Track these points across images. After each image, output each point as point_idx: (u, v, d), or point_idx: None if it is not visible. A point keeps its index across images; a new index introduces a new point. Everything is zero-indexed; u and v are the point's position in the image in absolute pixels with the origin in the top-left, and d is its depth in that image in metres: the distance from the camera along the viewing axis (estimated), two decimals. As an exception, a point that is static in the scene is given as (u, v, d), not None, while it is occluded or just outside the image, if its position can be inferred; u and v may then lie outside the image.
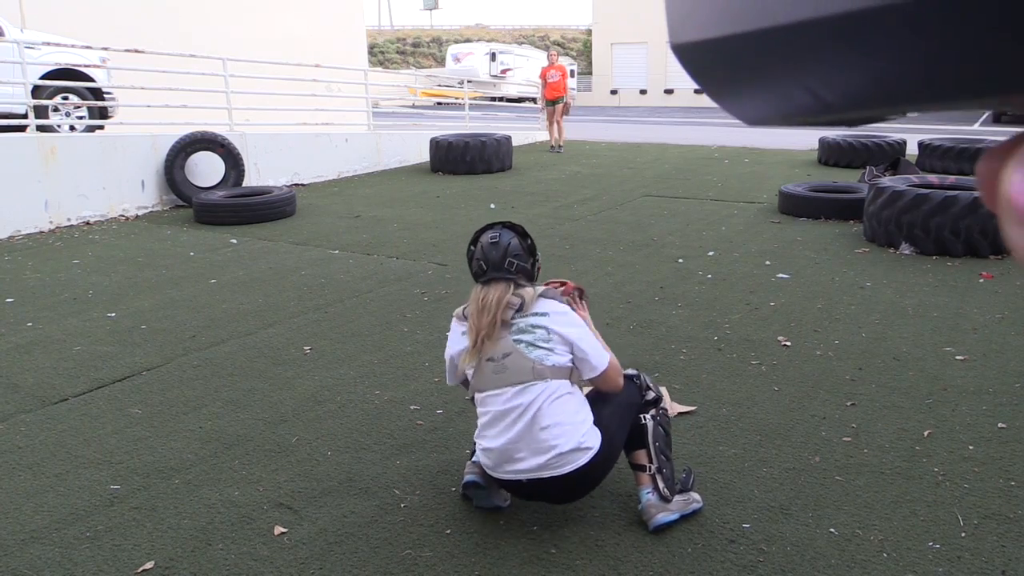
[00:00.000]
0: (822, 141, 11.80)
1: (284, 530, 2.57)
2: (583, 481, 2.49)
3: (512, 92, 27.43)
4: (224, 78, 9.85)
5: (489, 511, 2.64)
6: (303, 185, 10.36)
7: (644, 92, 36.33)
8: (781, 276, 5.54)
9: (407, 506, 2.69)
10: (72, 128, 9.13)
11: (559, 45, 48.71)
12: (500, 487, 2.61)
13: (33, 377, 3.94)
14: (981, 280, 5.34)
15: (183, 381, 3.85)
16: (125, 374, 3.96)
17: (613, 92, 36.92)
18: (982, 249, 5.88)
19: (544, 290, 2.57)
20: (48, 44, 8.99)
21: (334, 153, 11.12)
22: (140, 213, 8.55)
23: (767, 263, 5.90)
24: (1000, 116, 21.47)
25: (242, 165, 9.10)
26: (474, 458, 2.69)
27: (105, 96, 9.44)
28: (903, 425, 3.21)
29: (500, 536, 2.50)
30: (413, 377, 3.84)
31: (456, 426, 3.29)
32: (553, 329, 2.46)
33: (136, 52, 9.30)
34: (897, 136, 11.67)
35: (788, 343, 4.19)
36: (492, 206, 8.52)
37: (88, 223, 8.02)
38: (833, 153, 11.45)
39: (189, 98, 9.53)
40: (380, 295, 5.28)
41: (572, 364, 2.48)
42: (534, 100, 17.41)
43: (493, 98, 27.88)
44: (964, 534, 2.46)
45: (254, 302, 5.15)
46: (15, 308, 5.14)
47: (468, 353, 2.50)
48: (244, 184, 9.14)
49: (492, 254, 2.53)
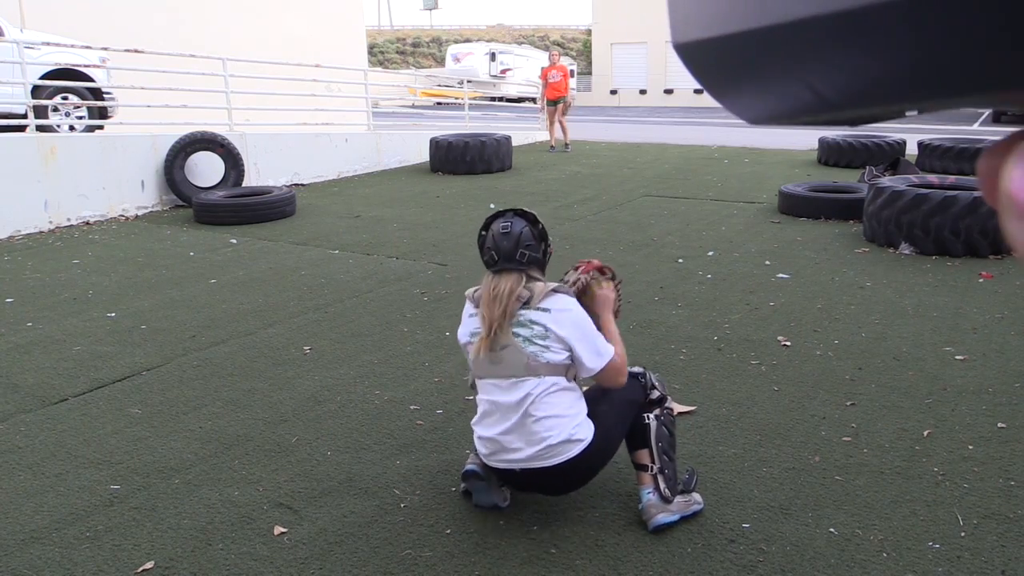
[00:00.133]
0: (822, 141, 11.80)
1: (284, 530, 2.57)
2: (575, 473, 2.51)
3: (512, 92, 27.43)
4: (224, 78, 9.85)
5: (489, 511, 2.64)
6: (303, 185, 10.36)
7: (644, 92, 36.33)
8: (781, 276, 5.54)
9: (407, 506, 2.69)
10: (72, 128, 9.13)
11: (559, 45, 48.71)
12: (496, 476, 2.61)
13: (33, 377, 3.94)
14: (981, 280, 5.34)
15: (183, 381, 3.85)
16: (125, 374, 3.96)
17: (613, 92, 36.93)
18: (982, 249, 5.88)
19: (556, 286, 2.56)
20: (48, 44, 8.99)
21: (334, 153, 11.12)
22: (140, 213, 8.55)
23: (767, 263, 5.90)
24: (1000, 116, 21.48)
25: (242, 165, 9.10)
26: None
27: (105, 96, 9.44)
28: (903, 425, 3.21)
29: (500, 536, 2.50)
30: (413, 377, 3.84)
31: (456, 426, 3.29)
32: (551, 328, 2.46)
33: (136, 52, 9.30)
34: (897, 136, 11.67)
35: (788, 343, 4.19)
36: (492, 206, 8.51)
37: (88, 223, 8.02)
38: (833, 153, 11.45)
39: (189, 98, 9.53)
40: (380, 295, 5.28)
41: (569, 362, 2.48)
42: (534, 100, 17.41)
43: (493, 98, 27.89)
44: (964, 534, 2.46)
45: (254, 302, 5.16)
46: (15, 308, 5.14)
47: (481, 342, 2.51)
48: (244, 184, 9.14)
49: (504, 244, 2.54)
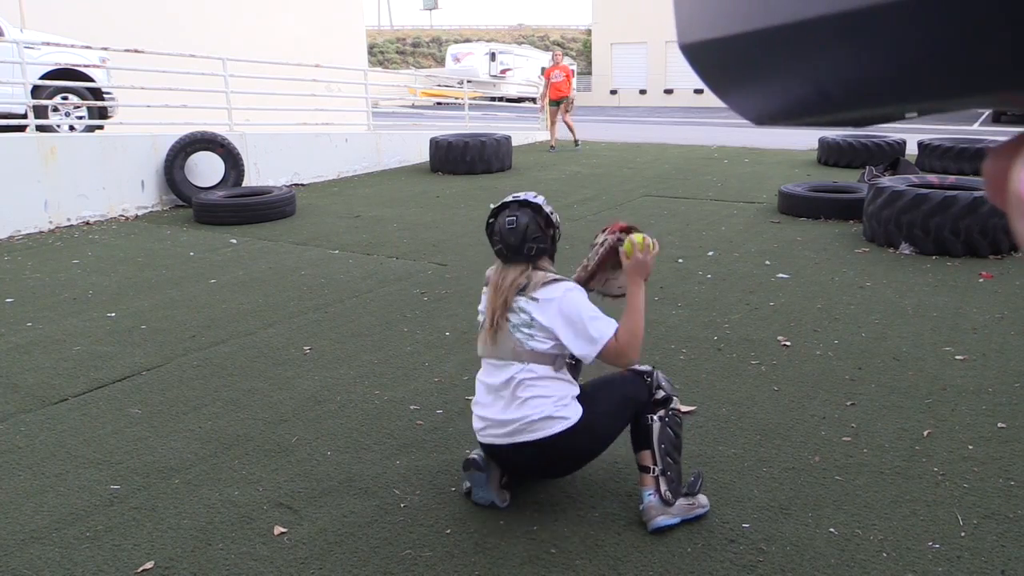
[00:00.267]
0: (822, 141, 11.80)
1: (284, 530, 2.57)
2: (557, 452, 2.53)
3: (512, 92, 27.43)
4: (224, 78, 9.85)
5: (489, 511, 2.64)
6: (303, 185, 10.36)
7: (644, 92, 36.31)
8: (781, 276, 5.54)
9: (407, 506, 2.69)
10: (72, 128, 9.13)
11: (559, 45, 48.70)
12: (491, 460, 2.65)
13: (33, 377, 3.94)
14: (981, 280, 5.34)
15: (183, 381, 3.85)
16: (125, 374, 3.96)
17: (613, 92, 36.92)
18: (982, 249, 5.88)
19: (555, 276, 2.57)
20: (48, 44, 8.99)
21: (334, 153, 11.12)
22: (140, 213, 8.55)
23: (767, 263, 5.90)
24: (1000, 116, 21.49)
25: (242, 165, 9.10)
26: None
27: (105, 96, 9.44)
28: (903, 425, 3.21)
29: (500, 536, 2.50)
30: (413, 377, 3.84)
31: (456, 426, 3.29)
32: (536, 318, 2.50)
33: (136, 52, 9.30)
34: (897, 136, 11.68)
35: (788, 343, 4.19)
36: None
37: (88, 223, 8.02)
38: (833, 153, 11.44)
39: (189, 98, 9.53)
40: (380, 295, 5.28)
41: (556, 351, 2.52)
42: (534, 100, 17.41)
43: (493, 98, 27.88)
44: (964, 534, 2.46)
45: (254, 302, 5.16)
46: (15, 308, 5.14)
47: (485, 331, 2.60)
48: (244, 184, 9.14)
49: (510, 239, 2.58)
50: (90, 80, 9.20)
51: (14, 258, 6.58)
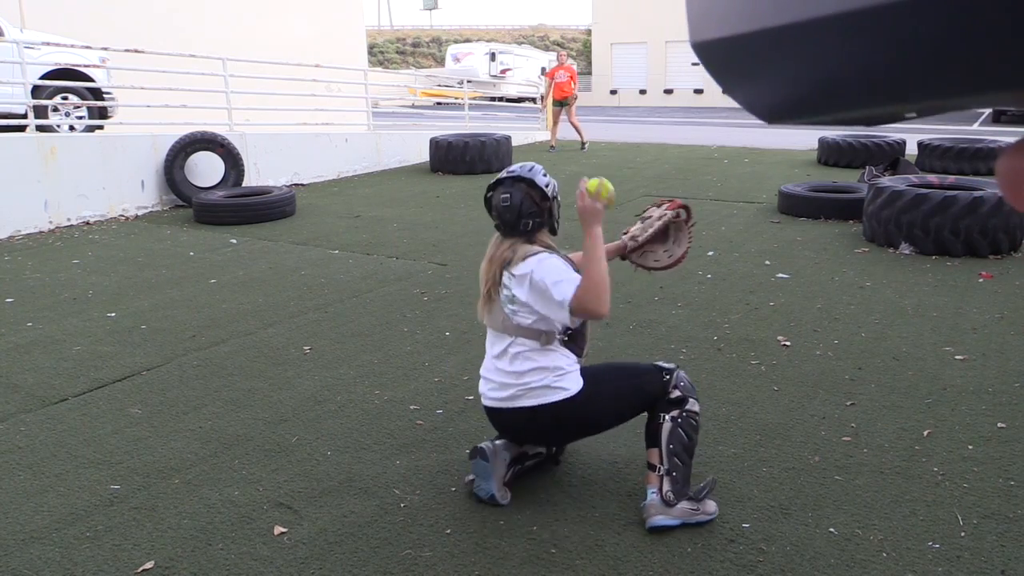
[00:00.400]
0: (822, 141, 11.79)
1: (284, 530, 2.57)
2: (553, 420, 2.59)
3: (512, 92, 27.43)
4: (224, 78, 9.85)
5: (489, 511, 2.63)
6: (303, 185, 10.36)
7: (644, 92, 36.30)
8: (781, 276, 5.54)
9: (407, 506, 2.69)
10: (72, 128, 9.13)
11: (559, 45, 48.70)
12: (489, 419, 2.74)
13: (33, 377, 3.94)
14: (980, 280, 5.34)
15: (183, 381, 3.85)
16: (125, 374, 3.96)
17: (613, 92, 36.91)
18: (981, 249, 5.88)
19: (534, 251, 2.58)
20: (48, 44, 8.99)
21: (334, 153, 11.12)
22: (140, 213, 8.55)
23: (767, 263, 5.91)
24: (1000, 116, 21.49)
25: (242, 165, 9.10)
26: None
27: (105, 96, 9.44)
28: (903, 425, 3.21)
29: (500, 536, 2.50)
30: (413, 377, 3.84)
31: (456, 426, 3.29)
32: (515, 294, 2.56)
33: (136, 52, 9.30)
34: (896, 136, 11.67)
35: (788, 343, 4.19)
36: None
37: (88, 223, 8.02)
38: (833, 153, 11.44)
39: (189, 98, 9.53)
40: (380, 295, 5.28)
41: (542, 327, 2.56)
42: (534, 100, 17.42)
43: (493, 98, 27.88)
44: (964, 534, 2.46)
45: (254, 302, 5.16)
46: (15, 308, 5.14)
47: (480, 300, 2.69)
48: (244, 184, 9.14)
49: (506, 216, 2.62)
50: (90, 80, 9.20)
51: (14, 258, 6.58)
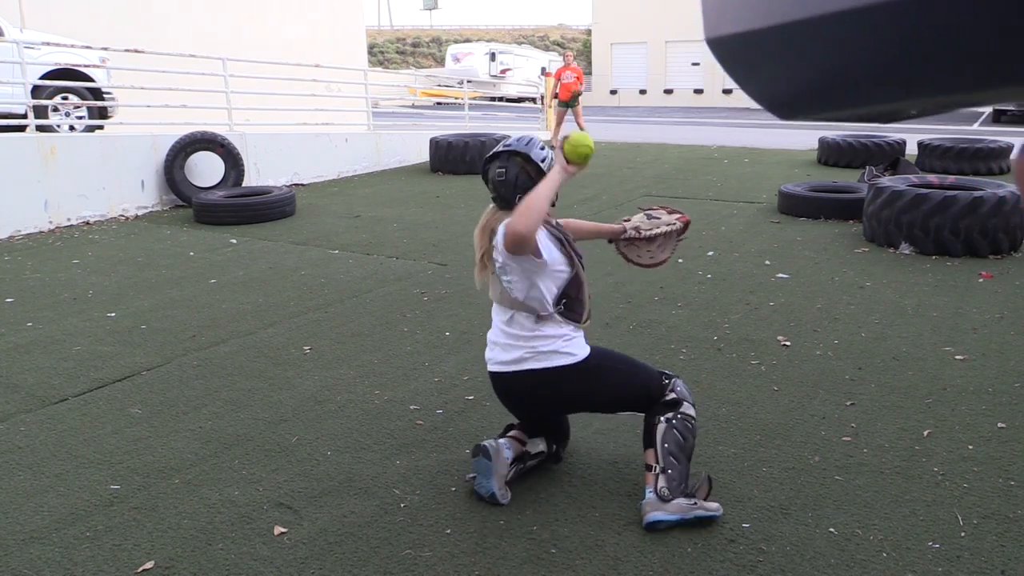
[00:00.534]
0: (822, 141, 11.79)
1: (284, 530, 2.57)
2: (556, 384, 2.62)
3: (512, 92, 27.43)
4: (224, 78, 9.85)
5: (489, 511, 2.63)
6: (303, 185, 10.36)
7: (644, 92, 36.29)
8: (781, 276, 5.54)
9: (407, 506, 2.69)
10: (72, 128, 9.13)
11: (559, 45, 48.71)
12: (494, 387, 2.77)
13: (33, 377, 3.94)
14: (980, 280, 5.34)
15: (183, 381, 3.85)
16: (125, 374, 3.96)
17: (613, 92, 36.90)
18: (981, 249, 5.88)
19: (504, 217, 2.59)
20: (48, 44, 9.00)
21: (334, 153, 11.12)
22: (140, 213, 8.55)
23: (767, 263, 5.91)
24: (1000, 116, 21.49)
25: (242, 165, 9.10)
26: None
27: (105, 96, 9.44)
28: (903, 425, 3.21)
29: (500, 536, 2.50)
30: (413, 377, 3.84)
31: (456, 426, 3.29)
32: (506, 263, 2.57)
33: (136, 52, 9.30)
34: (896, 136, 11.67)
35: (788, 343, 4.19)
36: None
37: (88, 223, 8.02)
38: (833, 153, 11.44)
39: (189, 98, 9.53)
40: (380, 295, 5.28)
41: (535, 303, 2.58)
42: (534, 100, 17.41)
43: (493, 98, 27.88)
44: (964, 534, 2.46)
45: (254, 302, 5.16)
46: (15, 308, 5.14)
47: (476, 267, 2.74)
48: (244, 184, 9.14)
49: (501, 190, 2.67)
50: (90, 80, 9.20)
51: (14, 258, 6.58)
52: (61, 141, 8.06)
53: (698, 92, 34.72)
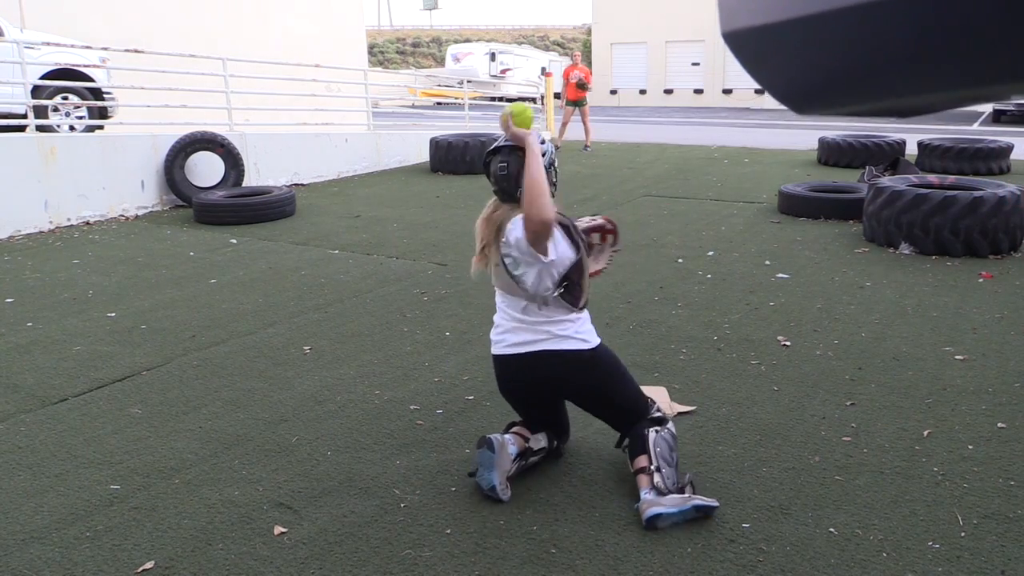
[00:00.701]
0: (822, 141, 11.79)
1: (284, 530, 2.57)
2: (572, 367, 2.69)
3: (512, 92, 27.44)
4: (224, 78, 9.85)
5: (489, 511, 2.63)
6: (303, 185, 10.36)
7: (644, 92, 36.28)
8: (781, 276, 5.54)
9: (407, 506, 2.69)
10: (72, 128, 9.13)
11: (559, 45, 48.71)
12: (504, 371, 2.77)
13: (33, 377, 3.94)
14: (981, 280, 5.34)
15: (183, 381, 3.85)
16: (125, 374, 3.96)
17: (613, 92, 36.89)
18: (981, 249, 5.88)
19: (516, 216, 2.65)
20: (48, 44, 9.00)
21: (334, 153, 11.12)
22: (140, 213, 8.55)
23: (767, 263, 5.91)
24: (1000, 116, 21.49)
25: (242, 165, 9.10)
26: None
27: (105, 96, 9.44)
28: (903, 425, 3.21)
29: (500, 536, 2.50)
30: (413, 377, 3.84)
31: (456, 426, 3.29)
32: (516, 257, 2.63)
33: (136, 52, 9.30)
34: (897, 136, 11.67)
35: (788, 343, 4.19)
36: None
37: (88, 223, 8.02)
38: (833, 153, 11.44)
39: (189, 98, 9.53)
40: (380, 295, 5.28)
41: (546, 291, 2.64)
42: (534, 100, 17.42)
43: (493, 98, 27.89)
44: (964, 534, 2.46)
45: (254, 302, 5.16)
46: (15, 308, 5.14)
47: (476, 257, 2.77)
48: (244, 184, 9.14)
49: (503, 184, 2.71)
50: (90, 80, 9.20)
51: (14, 258, 6.58)
52: (61, 141, 8.06)
53: (698, 92, 34.71)
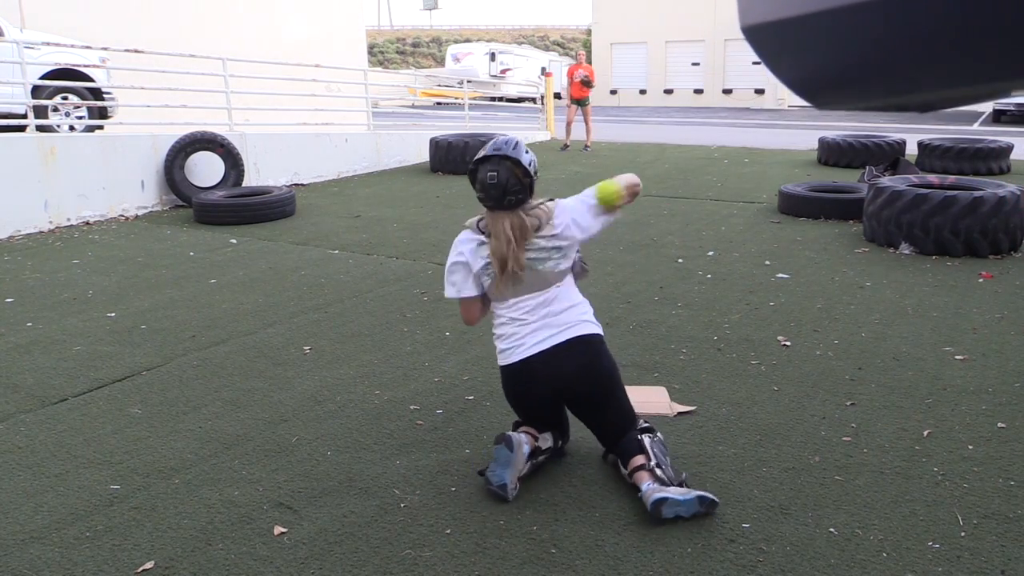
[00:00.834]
0: (822, 141, 11.79)
1: (284, 530, 2.57)
2: (598, 352, 2.76)
3: (512, 92, 27.45)
4: (224, 78, 9.85)
5: (489, 511, 2.63)
6: (303, 185, 10.36)
7: (644, 92, 36.29)
8: (781, 276, 5.54)
9: (407, 506, 2.69)
10: (72, 128, 9.13)
11: (559, 45, 48.71)
12: (527, 371, 2.74)
13: (33, 377, 3.94)
14: (981, 280, 5.34)
15: (183, 381, 3.85)
16: (125, 374, 3.96)
17: (613, 92, 36.89)
18: (982, 249, 5.88)
19: (551, 206, 2.76)
20: (48, 44, 9.00)
21: (334, 153, 11.12)
22: (140, 213, 8.55)
23: (767, 263, 5.90)
24: (1000, 116, 21.49)
25: (242, 165, 9.10)
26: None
27: (105, 96, 9.44)
28: (903, 425, 3.21)
29: (500, 536, 2.50)
30: (413, 377, 3.84)
31: (456, 426, 3.29)
32: (562, 245, 2.72)
33: (136, 52, 9.30)
34: (896, 136, 11.67)
35: (788, 343, 4.19)
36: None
37: (88, 223, 8.02)
38: (833, 153, 11.44)
39: (189, 98, 9.53)
40: (380, 295, 5.28)
41: (575, 266, 2.83)
42: (534, 100, 17.43)
43: (493, 98, 27.90)
44: (964, 534, 2.46)
45: (254, 302, 5.16)
46: (15, 308, 5.14)
47: (498, 280, 2.73)
48: (244, 184, 9.14)
49: (492, 192, 2.73)
50: (90, 80, 9.20)
51: (14, 258, 6.58)
52: (61, 141, 8.06)
53: (698, 92, 34.71)
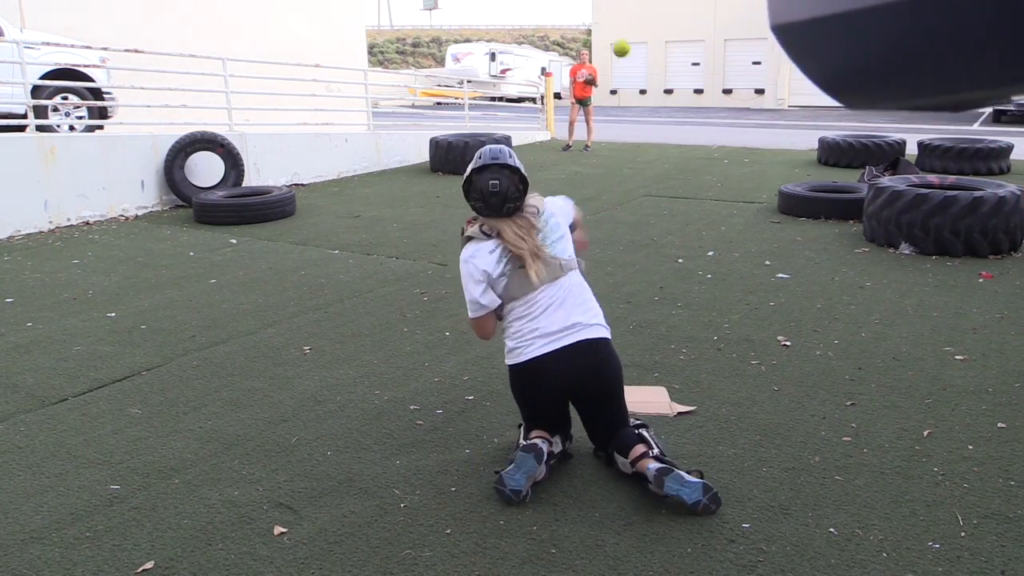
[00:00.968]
0: (822, 141, 11.79)
1: (284, 530, 2.57)
2: (603, 358, 2.78)
3: (512, 92, 27.44)
4: (224, 78, 9.85)
5: (489, 511, 2.63)
6: (303, 185, 10.36)
7: (644, 92, 36.28)
8: (781, 276, 5.54)
9: (407, 506, 2.69)
10: (72, 128, 9.13)
11: (559, 45, 48.71)
12: (549, 370, 2.76)
13: (33, 377, 3.94)
14: (981, 280, 5.34)
15: (183, 381, 3.85)
16: (125, 374, 3.96)
17: (613, 92, 36.89)
18: (982, 249, 5.88)
19: (535, 198, 2.91)
20: (48, 44, 8.99)
21: (334, 153, 11.12)
22: (140, 213, 8.55)
23: (767, 263, 5.90)
24: (1000, 116, 21.49)
25: (242, 165, 9.10)
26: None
27: (105, 96, 9.44)
28: (903, 425, 3.21)
29: (500, 536, 2.50)
30: (413, 377, 3.84)
31: (456, 426, 3.29)
32: (559, 222, 2.87)
33: (136, 52, 9.30)
34: (897, 136, 11.67)
35: (788, 343, 4.19)
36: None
37: (88, 223, 8.02)
38: (833, 153, 11.43)
39: (189, 98, 9.53)
40: (380, 295, 5.28)
41: (577, 256, 2.89)
42: (534, 100, 17.43)
43: (493, 98, 27.90)
44: (964, 534, 2.46)
45: (254, 302, 5.15)
46: (15, 308, 5.14)
47: (532, 266, 2.77)
48: (244, 184, 9.14)
49: (492, 200, 2.81)
50: (90, 80, 9.20)
51: (14, 258, 6.58)
52: (61, 141, 8.06)
53: (698, 92, 34.69)
